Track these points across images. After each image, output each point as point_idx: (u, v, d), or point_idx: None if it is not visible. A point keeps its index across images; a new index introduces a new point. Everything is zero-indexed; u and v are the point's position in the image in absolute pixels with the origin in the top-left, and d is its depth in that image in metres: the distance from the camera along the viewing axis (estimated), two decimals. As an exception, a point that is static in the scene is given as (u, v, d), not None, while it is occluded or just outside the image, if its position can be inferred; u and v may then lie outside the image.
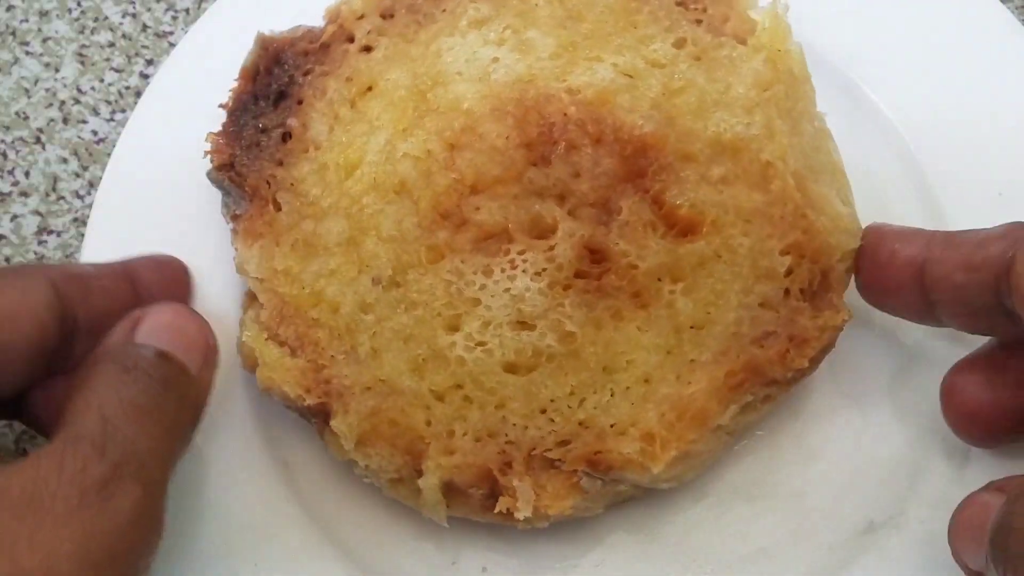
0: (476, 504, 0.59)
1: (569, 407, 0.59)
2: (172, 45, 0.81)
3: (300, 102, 0.67)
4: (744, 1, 0.66)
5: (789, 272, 0.60)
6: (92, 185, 0.78)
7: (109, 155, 0.70)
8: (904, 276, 0.58)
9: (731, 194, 0.61)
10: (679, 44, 0.65)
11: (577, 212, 0.61)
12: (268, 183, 0.65)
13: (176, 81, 0.71)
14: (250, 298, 0.64)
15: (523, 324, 0.59)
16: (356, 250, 0.62)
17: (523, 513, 0.57)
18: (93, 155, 0.79)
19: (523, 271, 0.60)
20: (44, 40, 0.82)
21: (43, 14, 0.83)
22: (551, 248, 0.60)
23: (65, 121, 0.80)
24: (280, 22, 0.69)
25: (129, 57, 0.82)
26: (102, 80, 0.81)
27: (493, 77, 0.64)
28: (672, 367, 0.59)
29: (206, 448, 0.63)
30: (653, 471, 0.57)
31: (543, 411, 0.59)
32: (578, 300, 0.59)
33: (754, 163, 0.61)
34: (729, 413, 0.58)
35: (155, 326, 0.56)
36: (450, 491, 0.59)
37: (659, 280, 0.60)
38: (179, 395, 0.55)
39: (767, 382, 0.59)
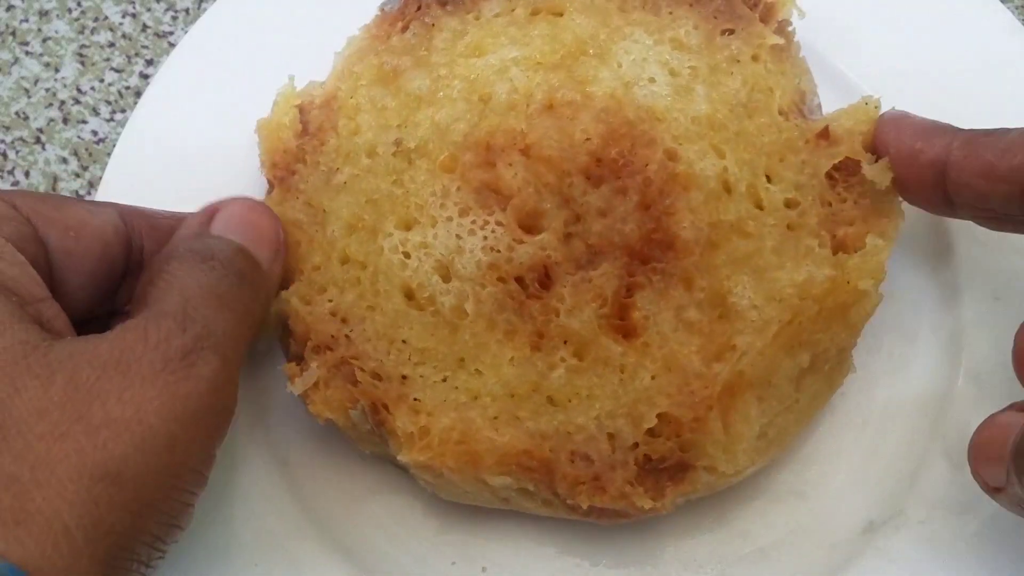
0: (287, 352, 0.62)
1: (409, 358, 0.60)
2: (172, 45, 0.81)
3: None
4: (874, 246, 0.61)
5: (654, 434, 0.58)
6: (92, 185, 0.78)
7: (109, 155, 0.69)
8: (926, 175, 0.57)
9: (680, 340, 0.59)
10: (791, 204, 0.62)
11: (570, 240, 0.61)
12: (419, 6, 0.67)
13: (176, 81, 0.71)
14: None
15: (444, 272, 0.61)
16: (413, 112, 0.64)
17: (291, 389, 0.59)
18: (93, 155, 0.79)
19: (484, 237, 0.61)
20: (44, 40, 0.82)
21: (43, 14, 0.83)
22: (519, 242, 0.60)
23: (65, 121, 0.80)
24: (280, 22, 0.70)
25: (129, 57, 0.82)
26: (102, 80, 0.81)
27: (634, 90, 0.63)
28: (500, 406, 0.59)
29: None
30: (396, 454, 0.58)
31: (391, 341, 0.60)
32: (496, 295, 0.60)
33: (724, 336, 0.59)
34: (500, 481, 0.58)
35: (230, 219, 0.58)
36: (286, 330, 0.62)
37: (564, 343, 0.59)
38: (253, 287, 0.57)
39: (552, 490, 0.58)
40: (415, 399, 0.59)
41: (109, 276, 0.57)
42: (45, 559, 0.43)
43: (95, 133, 0.80)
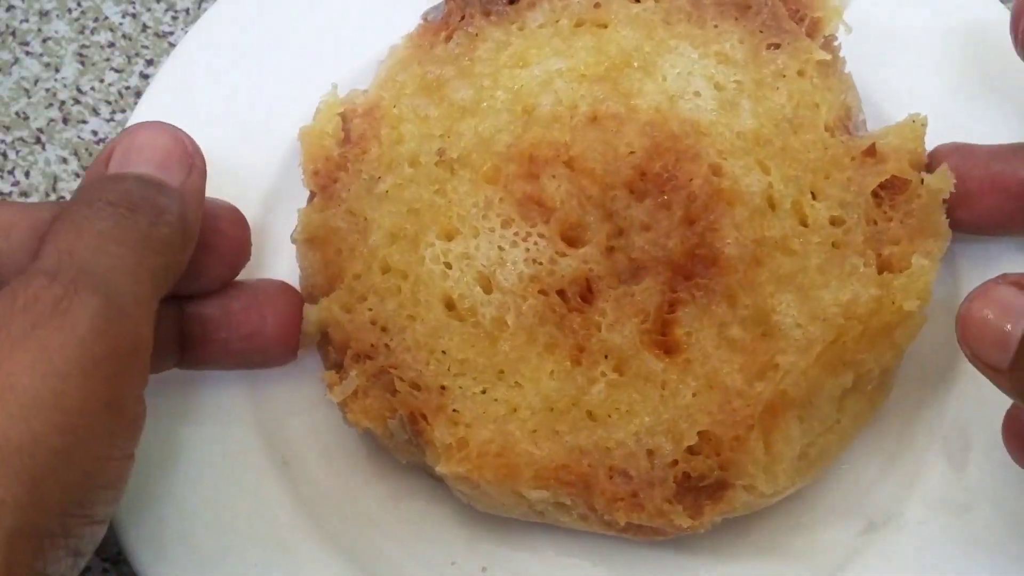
0: (327, 360, 0.62)
1: (448, 369, 0.59)
2: (172, 45, 0.80)
3: None
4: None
5: (694, 452, 0.58)
6: (92, 185, 0.78)
7: (109, 155, 0.69)
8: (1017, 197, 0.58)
9: (721, 357, 0.59)
10: (836, 222, 0.62)
11: (612, 254, 0.60)
12: (463, 16, 0.67)
13: (176, 81, 0.70)
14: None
15: (485, 283, 0.60)
16: (456, 122, 0.64)
17: (330, 396, 0.59)
18: (93, 155, 0.78)
19: (526, 249, 0.60)
20: (44, 40, 0.81)
21: (43, 14, 0.82)
22: (562, 255, 0.60)
23: (65, 121, 0.79)
24: (279, 22, 0.70)
25: (129, 57, 0.81)
26: (102, 80, 0.80)
27: (679, 104, 0.63)
28: (539, 420, 0.58)
29: (206, 448, 0.63)
30: (435, 466, 0.58)
31: (431, 351, 0.60)
32: (537, 308, 0.59)
33: (767, 354, 0.59)
34: (537, 495, 0.57)
35: (126, 152, 0.55)
36: (326, 336, 0.62)
37: (605, 357, 0.59)
38: (152, 211, 0.52)
39: (589, 505, 0.57)
40: (454, 410, 0.59)
41: None
42: None
43: (95, 133, 0.79)
